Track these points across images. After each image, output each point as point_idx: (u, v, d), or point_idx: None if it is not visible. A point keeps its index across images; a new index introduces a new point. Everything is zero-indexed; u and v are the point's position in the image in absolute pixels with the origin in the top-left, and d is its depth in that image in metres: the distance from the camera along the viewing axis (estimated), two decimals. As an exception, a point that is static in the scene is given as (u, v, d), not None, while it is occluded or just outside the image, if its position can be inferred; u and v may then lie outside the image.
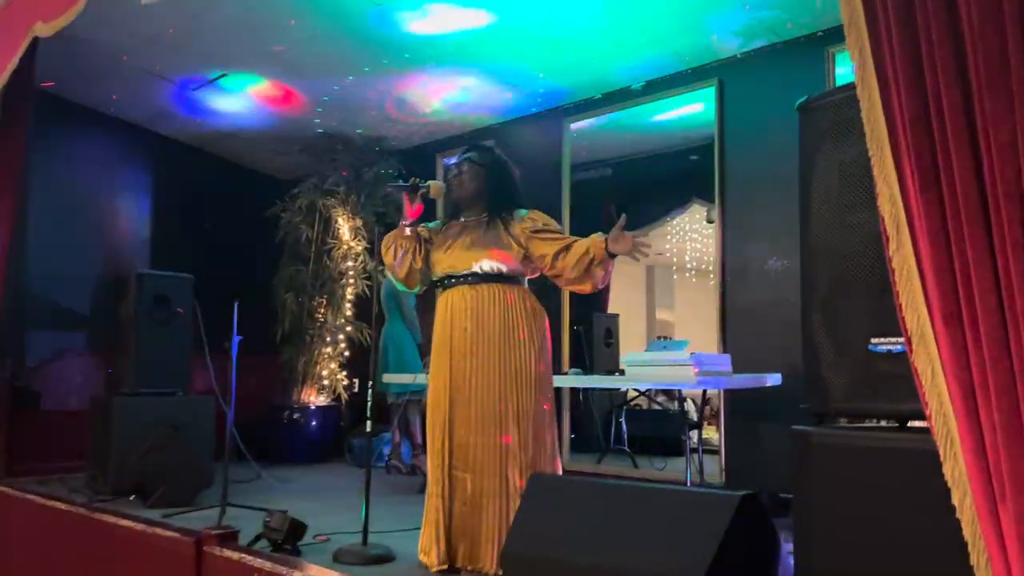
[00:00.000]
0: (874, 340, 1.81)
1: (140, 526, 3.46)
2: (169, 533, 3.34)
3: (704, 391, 4.58)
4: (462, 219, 3.19)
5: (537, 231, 3.04)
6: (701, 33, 4.77)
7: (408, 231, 3.19)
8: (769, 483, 4.59)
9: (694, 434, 4.23)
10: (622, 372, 4.47)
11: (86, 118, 6.17)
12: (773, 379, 4.24)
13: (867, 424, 2.02)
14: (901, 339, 1.73)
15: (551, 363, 3.11)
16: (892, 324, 1.81)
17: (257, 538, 3.32)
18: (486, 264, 3.01)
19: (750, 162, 4.92)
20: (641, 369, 4.03)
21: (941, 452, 1.42)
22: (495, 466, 2.87)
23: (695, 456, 4.49)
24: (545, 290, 5.76)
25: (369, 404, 3.28)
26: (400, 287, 3.31)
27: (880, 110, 1.45)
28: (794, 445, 1.94)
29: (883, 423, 2.05)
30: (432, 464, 3.01)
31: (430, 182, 3.21)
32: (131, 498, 4.55)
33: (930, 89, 1.37)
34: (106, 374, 5.22)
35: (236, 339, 4.12)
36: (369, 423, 3.29)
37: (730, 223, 5.00)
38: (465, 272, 3.05)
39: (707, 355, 3.91)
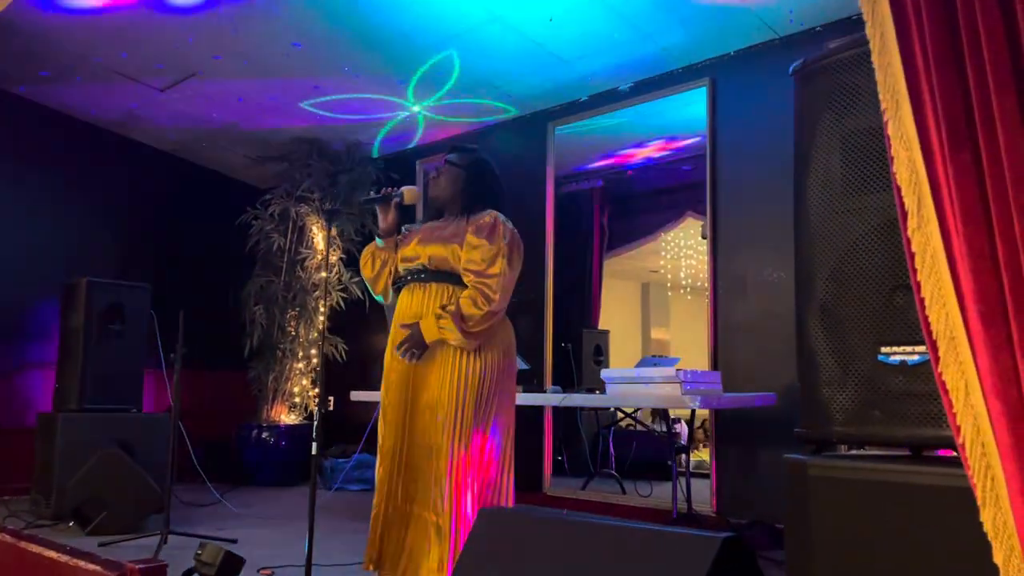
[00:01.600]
0: (884, 349, 1.48)
1: (64, 557, 3.11)
2: (91, 566, 3.00)
3: (692, 411, 4.24)
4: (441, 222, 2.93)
5: (472, 244, 2.73)
6: (692, 29, 4.46)
7: (383, 243, 2.97)
8: (764, 512, 4.25)
9: (684, 458, 3.88)
10: (600, 389, 4.13)
11: (43, 117, 5.84)
12: (766, 398, 3.89)
13: (875, 453, 1.67)
14: (918, 347, 1.40)
15: (506, 382, 2.80)
16: (906, 329, 1.48)
17: (187, 573, 2.96)
18: (432, 258, 2.77)
19: (744, 167, 4.60)
20: (622, 387, 3.69)
21: (978, 493, 1.08)
22: (427, 478, 2.65)
23: (684, 481, 4.15)
24: (523, 305, 5.47)
25: (316, 424, 2.94)
26: (379, 300, 3.07)
27: (895, 49, 1.13)
28: (788, 476, 1.59)
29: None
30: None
31: (403, 189, 2.96)
32: (70, 524, 4.20)
33: (962, 17, 1.05)
34: (54, 389, 4.86)
35: (182, 351, 3.77)
36: (315, 445, 2.94)
37: (722, 232, 4.67)
38: (417, 268, 2.82)
39: (694, 372, 3.57)
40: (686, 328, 12.09)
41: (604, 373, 3.82)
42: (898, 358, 1.45)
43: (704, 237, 9.41)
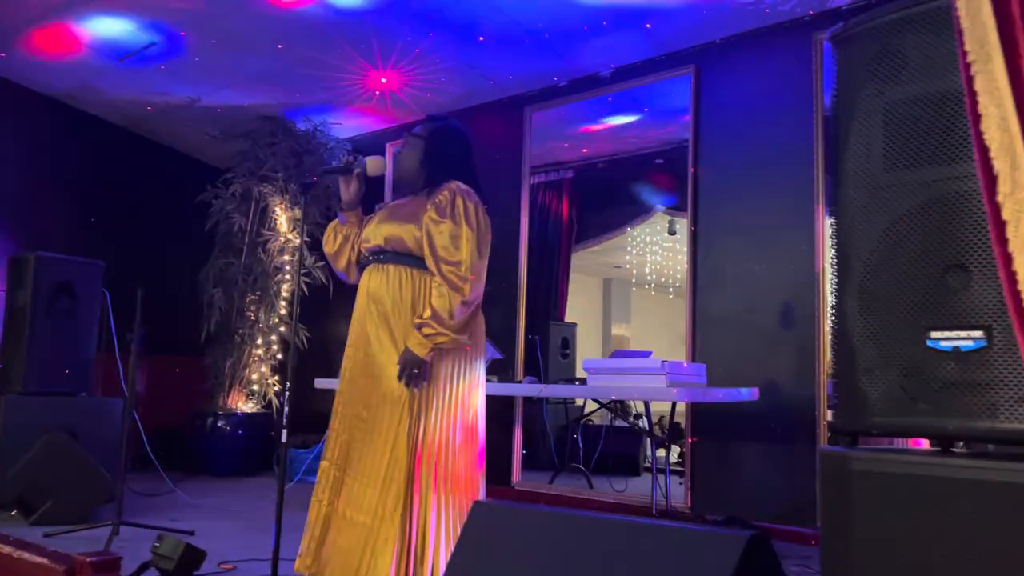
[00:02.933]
0: (934, 334, 1.37)
1: (7, 548, 2.90)
2: (37, 558, 2.77)
3: (673, 405, 4.15)
4: (404, 200, 2.73)
5: (434, 222, 2.52)
6: (677, 14, 4.36)
7: (345, 217, 2.77)
8: (739, 508, 4.17)
9: (659, 453, 3.78)
10: (581, 381, 4.01)
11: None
12: (750, 393, 3.81)
13: (926, 448, 1.56)
14: (973, 332, 1.29)
15: (474, 375, 2.61)
16: (958, 313, 1.37)
17: (143, 567, 2.76)
18: (389, 238, 2.57)
19: (727, 157, 4.51)
20: (604, 378, 3.56)
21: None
22: (377, 477, 2.42)
23: (660, 478, 4.05)
24: (496, 294, 5.33)
25: (286, 409, 2.76)
26: (342, 277, 2.86)
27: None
28: (825, 472, 1.47)
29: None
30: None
31: (367, 159, 2.75)
32: (12, 513, 3.94)
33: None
34: (-2, 370, 4.58)
35: (139, 331, 3.54)
36: (285, 432, 2.76)
37: (703, 225, 4.58)
38: (374, 248, 2.63)
39: (680, 364, 3.46)
40: (648, 324, 12.09)
41: (586, 363, 3.70)
42: (950, 344, 1.34)
43: (672, 233, 9.38)
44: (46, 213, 5.77)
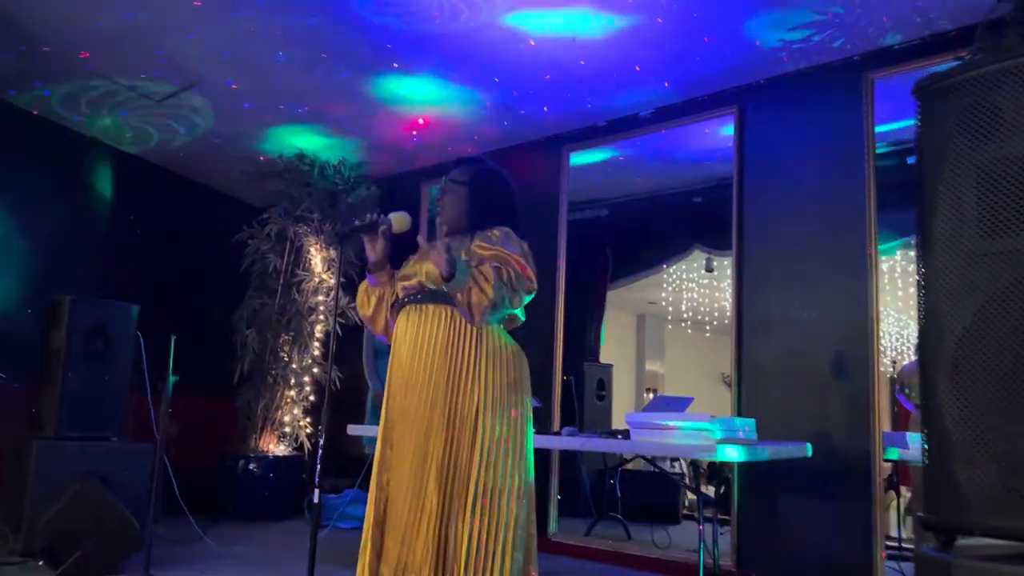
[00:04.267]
0: (1044, 424, 1.22)
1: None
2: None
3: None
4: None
5: (481, 246, 2.45)
6: (719, 56, 4.25)
7: (375, 278, 2.64)
8: (790, 568, 3.97)
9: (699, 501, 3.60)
10: (622, 433, 3.85)
11: (24, 120, 5.49)
12: (802, 449, 3.63)
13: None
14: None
15: (518, 423, 2.42)
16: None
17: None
18: (429, 274, 2.43)
19: (773, 198, 4.37)
20: (648, 433, 3.41)
21: None
22: (422, 539, 2.27)
23: (697, 526, 3.86)
24: (533, 334, 5.20)
25: (320, 453, 2.63)
26: (383, 339, 2.70)
27: None
28: (922, 576, 1.32)
29: None
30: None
31: (391, 216, 2.60)
32: (39, 563, 3.86)
33: None
34: (29, 413, 4.53)
35: (171, 379, 3.47)
36: (317, 492, 2.63)
37: (748, 268, 4.43)
38: (413, 287, 2.50)
39: (730, 420, 3.30)
40: (682, 362, 11.87)
41: (629, 417, 3.55)
42: (1063, 435, 1.20)
43: (709, 270, 9.21)
44: (82, 253, 5.75)
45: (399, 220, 2.59)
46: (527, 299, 2.46)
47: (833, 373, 4.03)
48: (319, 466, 2.63)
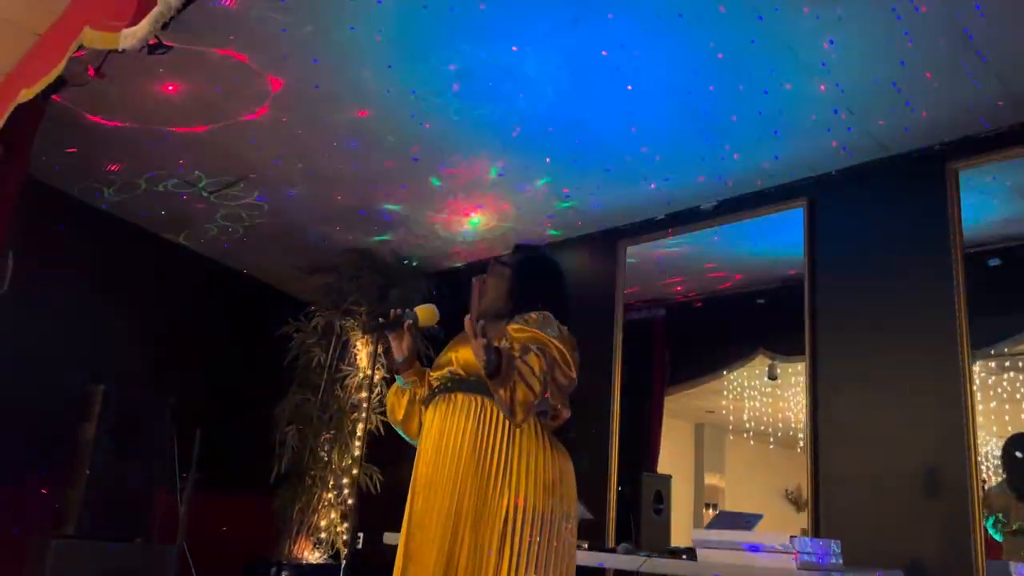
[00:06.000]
0: None
1: None
2: None
3: None
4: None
5: (516, 328, 2.22)
6: (791, 144, 4.02)
7: (404, 379, 2.45)
8: None
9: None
10: (687, 553, 3.44)
11: (68, 210, 5.45)
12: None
13: None
14: None
15: (554, 530, 2.12)
16: None
17: None
18: (469, 362, 2.17)
19: (848, 297, 4.04)
20: (717, 554, 3.01)
21: None
22: None
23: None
24: (585, 441, 4.84)
25: (344, 563, 2.33)
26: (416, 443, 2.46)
27: None
28: None
29: None
30: None
31: (417, 309, 2.44)
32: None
33: None
34: (52, 509, 4.32)
35: (194, 477, 3.22)
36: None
37: (823, 374, 4.05)
38: (445, 376, 2.28)
39: (813, 541, 2.90)
40: (742, 475, 11.23)
41: (695, 536, 3.16)
42: None
43: (772, 378, 8.72)
44: (120, 342, 5.59)
45: (425, 313, 2.42)
46: (568, 389, 2.20)
47: (925, 491, 3.58)
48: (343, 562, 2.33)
